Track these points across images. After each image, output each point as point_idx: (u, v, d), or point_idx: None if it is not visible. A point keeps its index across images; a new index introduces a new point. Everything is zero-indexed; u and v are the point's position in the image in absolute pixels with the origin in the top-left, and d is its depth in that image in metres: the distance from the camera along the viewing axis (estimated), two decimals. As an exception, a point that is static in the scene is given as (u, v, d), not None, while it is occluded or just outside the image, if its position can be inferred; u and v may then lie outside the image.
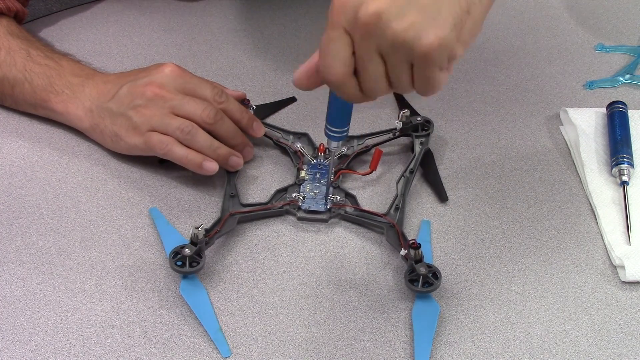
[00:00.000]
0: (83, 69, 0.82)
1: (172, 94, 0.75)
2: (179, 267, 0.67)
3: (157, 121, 0.74)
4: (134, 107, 0.75)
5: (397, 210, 0.74)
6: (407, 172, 0.78)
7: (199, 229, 0.68)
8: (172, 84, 0.75)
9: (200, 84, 0.77)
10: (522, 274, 0.72)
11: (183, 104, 0.74)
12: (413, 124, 0.82)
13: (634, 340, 0.67)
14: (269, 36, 0.98)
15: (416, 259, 0.67)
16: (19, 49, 0.82)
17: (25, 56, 0.81)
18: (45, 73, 0.80)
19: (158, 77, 0.75)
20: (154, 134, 0.74)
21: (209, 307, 0.68)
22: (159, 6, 1.02)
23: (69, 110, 0.80)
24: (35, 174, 0.79)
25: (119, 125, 0.76)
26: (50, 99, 0.80)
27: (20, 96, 0.81)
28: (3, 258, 0.71)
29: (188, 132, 0.74)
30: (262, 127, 0.80)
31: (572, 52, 0.98)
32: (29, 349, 0.64)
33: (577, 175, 0.81)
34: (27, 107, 0.83)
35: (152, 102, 0.74)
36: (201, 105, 0.75)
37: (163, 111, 0.74)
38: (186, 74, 0.77)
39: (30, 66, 0.80)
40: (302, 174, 0.78)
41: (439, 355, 0.65)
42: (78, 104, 0.79)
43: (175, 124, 0.74)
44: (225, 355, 0.65)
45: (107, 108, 0.77)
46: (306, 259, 0.72)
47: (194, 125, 0.74)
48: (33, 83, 0.80)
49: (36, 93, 0.80)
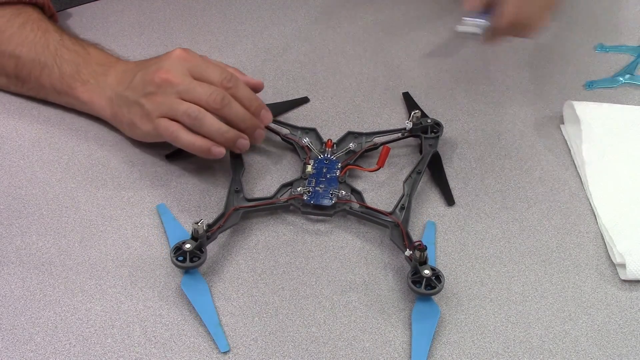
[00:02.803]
0: (108, 57, 0.83)
1: (179, 79, 0.74)
2: (180, 262, 0.67)
3: (166, 107, 0.74)
4: (145, 94, 0.75)
5: (402, 210, 0.74)
6: (415, 172, 0.78)
7: (199, 224, 0.68)
8: (180, 68, 0.75)
9: (209, 68, 0.76)
10: (522, 274, 0.72)
11: (190, 88, 0.74)
12: (423, 126, 0.82)
13: (634, 340, 0.67)
14: (269, 36, 0.98)
15: (421, 261, 0.67)
16: (54, 32, 0.83)
17: (58, 39, 0.82)
18: (73, 60, 0.81)
19: (166, 63, 0.75)
20: (162, 120, 0.74)
21: (210, 302, 0.68)
22: (159, 6, 1.02)
23: (93, 100, 0.80)
24: (35, 174, 0.79)
25: (133, 113, 0.77)
26: (77, 87, 0.81)
27: (47, 80, 0.82)
28: (3, 258, 0.71)
29: (195, 117, 0.73)
30: (270, 115, 0.79)
31: (572, 52, 0.98)
32: (29, 349, 0.64)
33: (577, 175, 0.81)
34: (52, 93, 0.83)
35: (161, 89, 0.74)
36: (208, 90, 0.74)
37: (171, 97, 0.74)
38: (194, 57, 0.77)
39: (61, 51, 0.81)
40: (308, 169, 0.78)
41: (438, 355, 0.65)
42: (101, 94, 0.80)
43: (182, 109, 0.74)
44: (223, 350, 0.65)
45: (124, 96, 0.78)
46: (306, 259, 0.72)
47: (201, 110, 0.74)
48: (62, 68, 0.81)
49: (64, 79, 0.81)
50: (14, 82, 0.85)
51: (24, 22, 0.83)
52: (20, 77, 0.84)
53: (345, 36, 0.99)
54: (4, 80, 0.85)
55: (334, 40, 0.98)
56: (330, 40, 0.98)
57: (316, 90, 0.91)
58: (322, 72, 0.93)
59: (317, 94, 0.90)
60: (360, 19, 1.01)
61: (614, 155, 0.81)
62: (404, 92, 0.90)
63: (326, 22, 1.01)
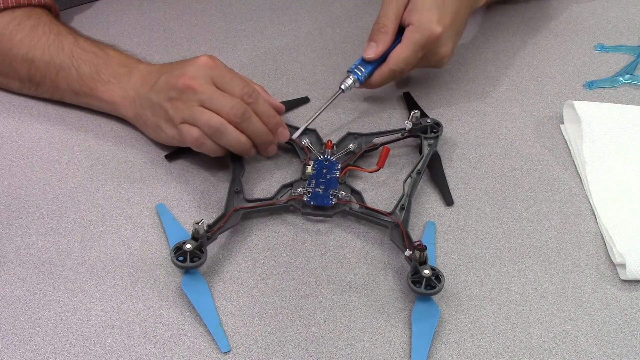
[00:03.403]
0: (129, 58, 0.82)
1: (202, 87, 0.74)
2: (181, 262, 0.67)
3: (187, 114, 0.74)
4: (169, 99, 0.75)
5: (402, 210, 0.74)
6: (414, 172, 0.78)
7: (199, 224, 0.68)
8: (204, 75, 0.75)
9: (232, 80, 0.76)
10: (522, 274, 0.72)
11: (213, 98, 0.74)
12: (422, 126, 0.82)
13: (634, 340, 0.67)
14: (269, 36, 0.98)
15: (420, 261, 0.67)
16: (67, 34, 0.83)
17: (72, 41, 0.82)
18: (92, 61, 0.81)
19: (191, 69, 0.75)
20: (184, 126, 0.75)
21: (210, 303, 0.68)
22: (159, 6, 1.02)
23: (115, 100, 0.80)
24: (35, 174, 0.79)
25: (158, 117, 0.77)
26: (97, 87, 0.80)
27: (64, 82, 0.82)
28: (3, 258, 0.71)
29: (217, 129, 0.74)
30: (287, 133, 0.80)
31: (572, 52, 0.98)
32: (29, 349, 0.64)
33: (577, 175, 0.81)
34: (68, 94, 0.83)
35: (184, 95, 0.74)
36: (230, 102, 0.74)
37: (193, 104, 0.74)
38: (219, 66, 0.77)
39: (77, 52, 0.81)
40: (308, 170, 0.78)
41: (438, 355, 0.65)
42: (124, 94, 0.80)
43: (204, 119, 0.74)
44: (224, 350, 0.65)
45: (147, 98, 0.78)
46: (306, 259, 0.72)
47: (223, 122, 0.74)
48: (80, 70, 0.81)
49: (82, 80, 0.81)
50: (27, 86, 0.85)
51: (35, 24, 0.83)
52: (34, 80, 0.84)
53: (345, 36, 0.99)
54: (17, 83, 0.85)
55: (334, 40, 0.98)
56: (330, 40, 0.98)
57: (316, 90, 0.91)
58: (322, 72, 0.93)
59: (317, 94, 0.90)
60: (360, 19, 1.01)
61: (614, 155, 0.81)
62: (404, 92, 0.90)
63: (326, 22, 1.01)
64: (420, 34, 0.81)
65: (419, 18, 0.81)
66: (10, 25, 0.83)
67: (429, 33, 0.80)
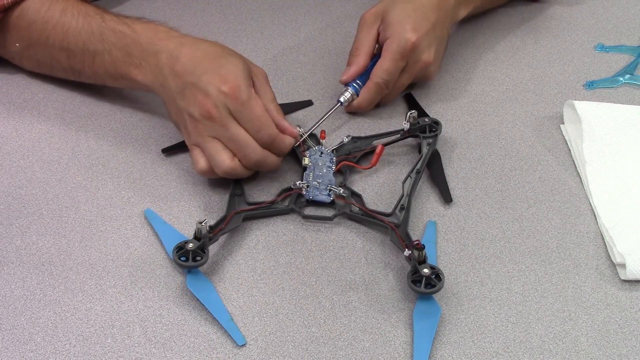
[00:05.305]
0: (156, 32, 0.80)
1: (222, 119, 0.73)
2: (183, 262, 0.67)
3: (201, 141, 0.74)
4: (190, 114, 0.74)
5: (402, 210, 0.74)
6: (414, 172, 0.78)
7: (202, 224, 0.68)
8: (225, 106, 0.73)
9: (251, 115, 0.74)
10: (522, 274, 0.72)
11: (229, 137, 0.73)
12: (421, 125, 0.82)
13: (634, 340, 0.67)
14: (269, 36, 0.98)
15: (420, 260, 0.67)
16: (94, 14, 0.82)
17: (100, 21, 0.81)
18: (121, 42, 0.80)
19: (215, 94, 0.73)
20: (196, 152, 0.75)
21: (218, 299, 0.68)
22: (159, 6, 1.02)
23: (148, 83, 0.79)
24: (35, 174, 0.79)
25: (179, 118, 0.77)
26: (131, 71, 0.80)
27: (101, 68, 0.82)
28: (3, 258, 0.71)
29: (227, 173, 0.75)
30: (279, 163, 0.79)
31: (572, 52, 0.98)
32: (29, 349, 0.64)
33: (577, 175, 0.81)
34: (107, 78, 0.83)
35: (203, 119, 0.73)
36: (245, 148, 0.74)
37: (209, 134, 0.74)
38: (242, 99, 0.73)
39: (107, 35, 0.80)
40: (305, 161, 0.78)
41: (439, 355, 0.65)
42: (154, 78, 0.78)
43: (216, 160, 0.74)
44: (240, 343, 0.65)
45: (172, 97, 0.76)
46: (306, 259, 0.72)
47: (234, 167, 0.74)
48: (112, 55, 0.80)
49: (116, 65, 0.80)
50: (71, 74, 0.85)
51: (64, 8, 0.82)
52: (74, 68, 0.84)
53: (346, 36, 0.98)
54: (62, 73, 0.86)
55: (335, 41, 0.98)
56: (330, 41, 0.98)
57: (316, 90, 0.91)
58: (322, 73, 0.93)
59: (317, 94, 0.90)
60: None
61: (614, 155, 0.81)
62: (406, 94, 0.90)
63: (327, 23, 1.01)
64: (396, 44, 0.83)
65: (392, 30, 0.83)
66: (41, 11, 0.83)
67: (404, 41, 0.83)
